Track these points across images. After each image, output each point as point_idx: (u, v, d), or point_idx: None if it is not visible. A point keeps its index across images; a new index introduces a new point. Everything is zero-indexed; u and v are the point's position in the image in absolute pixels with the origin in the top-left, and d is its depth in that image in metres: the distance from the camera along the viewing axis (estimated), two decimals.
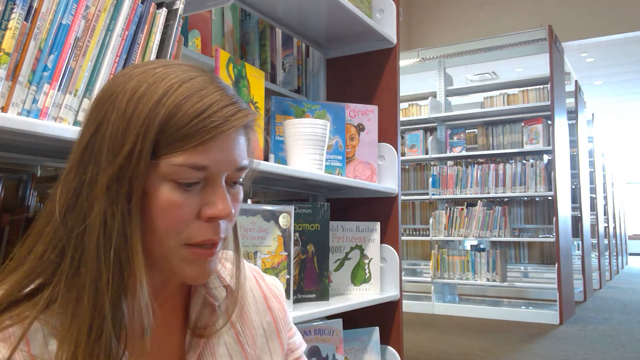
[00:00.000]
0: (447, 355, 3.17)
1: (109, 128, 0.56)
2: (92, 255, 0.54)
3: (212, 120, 0.56)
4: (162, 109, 0.55)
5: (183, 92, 0.56)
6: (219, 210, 0.58)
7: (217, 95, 0.58)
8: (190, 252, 0.59)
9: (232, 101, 0.59)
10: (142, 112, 0.55)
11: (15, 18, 0.79)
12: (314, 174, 1.51)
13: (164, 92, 0.56)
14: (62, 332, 0.54)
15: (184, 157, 0.56)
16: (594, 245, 6.85)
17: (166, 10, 1.03)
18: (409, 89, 5.33)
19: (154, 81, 0.57)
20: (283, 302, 0.78)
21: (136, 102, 0.56)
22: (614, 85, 9.44)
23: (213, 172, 0.58)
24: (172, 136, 0.55)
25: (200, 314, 0.67)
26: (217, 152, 0.57)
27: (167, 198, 0.56)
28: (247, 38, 1.97)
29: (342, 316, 1.68)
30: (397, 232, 1.94)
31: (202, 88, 0.58)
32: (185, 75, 0.59)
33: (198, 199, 0.58)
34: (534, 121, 4.54)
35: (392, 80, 1.99)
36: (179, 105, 0.56)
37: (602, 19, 6.19)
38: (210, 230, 0.59)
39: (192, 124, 0.55)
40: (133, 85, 0.57)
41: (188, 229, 0.58)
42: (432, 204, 5.41)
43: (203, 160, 0.56)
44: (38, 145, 1.01)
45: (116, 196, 0.55)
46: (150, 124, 0.55)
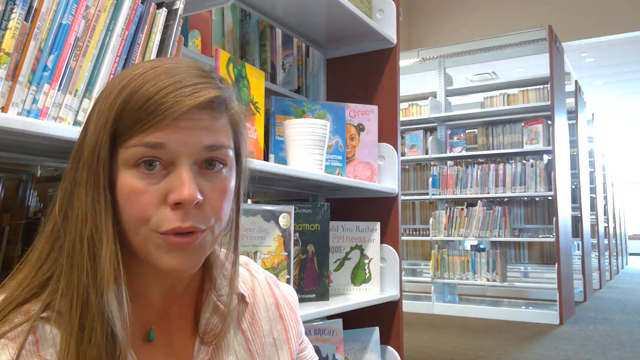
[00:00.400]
0: (447, 355, 3.17)
1: (90, 125, 0.58)
2: (77, 248, 0.55)
3: (164, 101, 0.55)
4: (120, 96, 0.56)
5: (144, 77, 0.56)
6: (183, 194, 0.55)
7: (178, 77, 0.56)
8: (164, 239, 0.57)
9: (194, 82, 0.57)
10: (109, 102, 0.56)
11: (15, 18, 0.79)
12: (314, 174, 1.51)
13: (129, 80, 0.57)
14: (62, 328, 0.54)
15: (137, 138, 0.55)
16: (594, 245, 6.85)
17: (166, 10, 1.03)
18: (409, 89, 5.32)
19: (127, 73, 0.58)
20: (296, 311, 0.76)
21: (108, 95, 0.57)
22: (614, 85, 9.44)
23: (174, 154, 0.56)
24: (127, 121, 0.55)
25: (210, 321, 0.66)
26: (174, 131, 0.56)
27: (129, 185, 0.56)
28: (247, 38, 1.97)
29: (342, 316, 1.68)
30: (397, 232, 1.94)
31: (164, 72, 0.57)
32: (158, 63, 0.59)
33: (163, 185, 0.56)
34: (534, 121, 4.54)
35: (392, 80, 1.99)
36: (136, 91, 0.56)
37: (602, 19, 6.19)
38: (178, 217, 0.56)
39: (144, 106, 0.55)
40: (112, 81, 0.59)
41: (156, 217, 0.56)
42: (432, 204, 5.41)
43: (156, 138, 0.55)
44: (38, 145, 1.01)
45: (90, 187, 0.56)
46: (110, 112, 0.56)
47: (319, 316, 1.52)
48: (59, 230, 0.57)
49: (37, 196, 1.13)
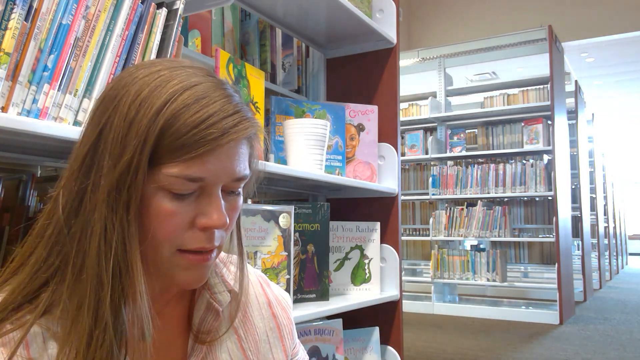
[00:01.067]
0: (447, 355, 3.17)
1: (111, 132, 0.55)
2: (94, 263, 0.54)
3: (211, 132, 0.55)
4: (161, 117, 0.54)
5: (184, 100, 0.55)
6: (214, 220, 0.57)
7: (219, 105, 0.56)
8: (184, 258, 0.58)
9: (235, 111, 0.57)
10: (143, 119, 0.54)
11: (15, 18, 0.79)
12: (314, 174, 1.51)
13: (165, 100, 0.55)
14: (63, 338, 0.54)
15: (179, 168, 0.55)
16: (594, 245, 6.85)
17: (166, 10, 1.03)
18: (409, 89, 5.32)
19: (157, 86, 0.56)
20: (289, 311, 0.77)
21: (137, 107, 0.55)
22: (614, 85, 9.44)
23: (209, 183, 0.57)
24: (169, 146, 0.54)
25: (204, 319, 0.67)
26: (214, 163, 0.56)
27: (161, 207, 0.56)
28: (247, 38, 1.97)
29: (342, 316, 1.68)
30: (397, 232, 1.94)
31: (204, 96, 0.56)
32: (188, 80, 0.57)
33: (193, 208, 0.57)
34: (534, 121, 4.54)
35: (392, 80, 1.99)
36: (179, 115, 0.54)
37: (602, 19, 6.19)
38: (204, 238, 0.58)
39: (189, 134, 0.54)
40: (136, 89, 0.56)
41: (182, 237, 0.58)
42: (432, 204, 5.41)
43: (199, 172, 0.56)
44: (38, 145, 1.01)
45: (115, 204, 0.54)
46: (149, 133, 0.54)
47: (319, 316, 1.52)
48: (58, 235, 0.56)
49: (37, 196, 1.13)
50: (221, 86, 0.59)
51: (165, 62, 0.61)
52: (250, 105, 1.46)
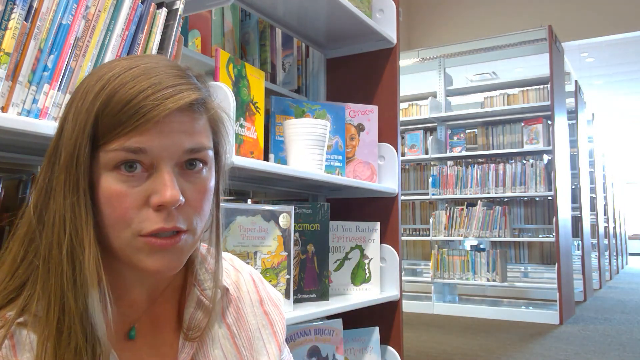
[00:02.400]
0: (447, 355, 3.17)
1: (66, 126, 0.57)
2: (55, 252, 0.54)
3: (145, 104, 0.54)
4: (99, 98, 0.55)
5: (122, 79, 0.56)
6: (166, 196, 0.55)
7: (156, 79, 0.56)
8: (146, 242, 0.57)
9: (172, 83, 0.57)
10: (86, 103, 0.56)
11: (15, 18, 0.79)
12: (314, 174, 1.51)
13: (106, 81, 0.56)
14: (39, 333, 0.54)
15: (118, 143, 0.55)
16: (594, 245, 6.85)
17: (166, 10, 1.03)
18: (409, 89, 5.32)
19: (104, 72, 0.57)
20: (280, 308, 0.77)
21: (85, 95, 0.56)
22: (614, 85, 9.44)
23: (155, 157, 0.56)
24: (107, 124, 0.55)
25: (194, 316, 0.66)
26: (156, 136, 0.56)
27: (110, 188, 0.56)
28: (247, 38, 1.97)
29: (342, 316, 1.68)
30: (397, 232, 1.94)
31: (143, 73, 0.57)
32: (135, 62, 0.58)
33: (145, 188, 0.57)
34: (534, 121, 4.54)
35: (392, 80, 1.99)
36: (115, 93, 0.55)
37: (602, 19, 6.19)
38: (161, 218, 0.56)
39: (124, 109, 0.54)
40: (88, 80, 0.58)
41: (137, 219, 0.56)
42: (432, 204, 5.41)
43: (137, 143, 0.55)
44: (38, 145, 1.01)
45: (68, 190, 0.55)
46: (88, 115, 0.55)
47: (319, 316, 1.52)
48: (34, 232, 0.57)
49: None
50: (170, 65, 0.59)
51: (129, 56, 0.62)
52: (251, 105, 1.46)
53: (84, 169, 0.55)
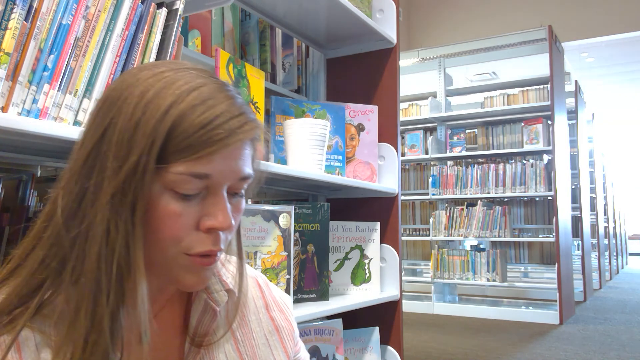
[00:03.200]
0: (447, 355, 3.17)
1: (115, 134, 0.55)
2: (93, 266, 0.53)
3: (218, 132, 0.55)
4: (169, 118, 0.54)
5: (190, 101, 0.55)
6: (219, 222, 0.57)
7: (225, 106, 0.57)
8: (191, 260, 0.58)
9: (240, 112, 0.58)
10: (149, 120, 0.54)
11: (15, 18, 0.79)
12: (314, 174, 1.51)
13: (172, 101, 0.55)
14: (58, 342, 0.53)
15: (186, 166, 0.55)
16: (594, 245, 6.85)
17: (166, 10, 1.03)
18: (409, 89, 5.32)
19: (162, 87, 0.56)
20: (287, 313, 0.76)
21: (143, 108, 0.55)
22: (614, 85, 9.44)
23: (214, 182, 0.57)
24: (176, 146, 0.54)
25: (201, 320, 0.66)
26: (220, 162, 0.56)
27: (167, 207, 0.56)
28: (247, 38, 1.97)
29: (342, 316, 1.68)
30: (397, 232, 1.94)
31: (210, 97, 0.56)
32: (194, 82, 0.57)
33: (198, 209, 0.57)
34: (534, 121, 4.54)
35: (392, 80, 1.99)
36: (185, 115, 0.54)
37: (602, 19, 6.19)
38: (210, 241, 0.58)
39: (197, 134, 0.54)
40: (141, 90, 0.56)
41: (187, 239, 0.57)
42: (432, 204, 5.41)
43: (205, 169, 0.55)
44: (38, 145, 1.01)
45: (120, 206, 0.53)
46: (157, 134, 0.54)
47: (319, 316, 1.52)
48: (58, 237, 0.55)
49: (37, 196, 1.13)
50: (225, 88, 0.59)
51: (167, 63, 0.60)
52: (251, 105, 1.46)
53: (145, 187, 0.54)
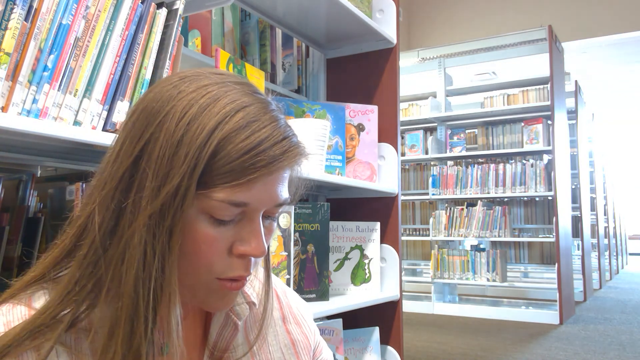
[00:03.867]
0: (447, 355, 3.17)
1: (155, 150, 0.52)
2: (130, 290, 0.51)
3: (261, 159, 0.53)
4: (213, 140, 0.52)
5: (236, 122, 0.53)
6: (252, 248, 0.56)
7: (269, 130, 0.54)
8: (221, 284, 0.57)
9: (283, 137, 0.55)
10: (193, 140, 0.51)
11: (15, 18, 0.79)
12: (314, 174, 1.51)
13: (217, 122, 0.52)
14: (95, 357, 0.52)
15: (225, 193, 0.53)
16: (594, 245, 6.85)
17: (166, 10, 1.03)
18: (409, 89, 5.32)
19: (207, 105, 0.53)
20: (304, 326, 0.75)
21: (186, 126, 0.52)
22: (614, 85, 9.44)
23: (252, 208, 0.55)
24: (218, 170, 0.52)
25: (221, 334, 0.65)
26: (259, 189, 0.54)
27: (203, 232, 0.54)
28: (247, 38, 1.97)
29: (342, 316, 1.68)
30: (397, 232, 1.94)
31: (255, 119, 0.54)
32: (239, 100, 0.55)
33: (232, 234, 0.56)
34: (534, 121, 4.54)
35: (392, 80, 1.99)
36: (230, 139, 0.52)
37: (602, 19, 6.18)
38: (242, 266, 0.57)
39: (239, 160, 0.52)
40: (184, 105, 0.53)
41: (220, 264, 0.56)
42: (432, 204, 5.41)
43: (244, 198, 0.53)
44: (38, 145, 1.01)
45: (157, 229, 0.51)
46: (200, 157, 0.51)
47: (319, 316, 1.52)
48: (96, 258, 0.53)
49: (37, 196, 1.13)
50: (269, 108, 0.57)
51: (210, 75, 0.57)
52: None
53: (183, 212, 0.52)
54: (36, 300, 0.55)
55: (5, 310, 0.53)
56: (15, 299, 0.55)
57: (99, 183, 0.55)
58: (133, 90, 0.97)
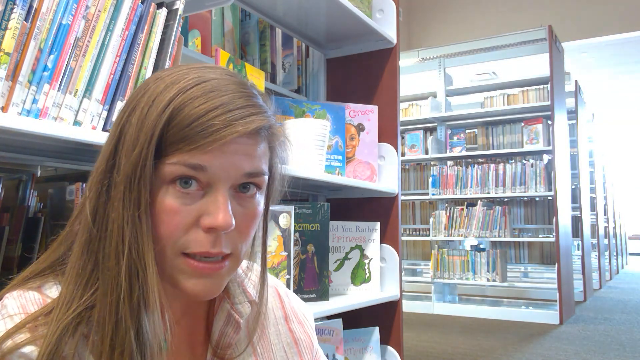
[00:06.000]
0: (447, 355, 3.17)
1: (128, 131, 0.55)
2: (112, 264, 0.53)
3: (213, 123, 0.53)
4: (167, 110, 0.54)
5: (193, 92, 0.55)
6: (218, 220, 0.54)
7: (227, 98, 0.55)
8: (188, 264, 0.56)
9: (245, 104, 0.56)
10: (153, 113, 0.54)
11: (15, 18, 0.79)
12: (314, 174, 1.51)
13: (175, 93, 0.55)
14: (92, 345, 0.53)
15: (179, 157, 0.54)
16: (594, 245, 6.85)
17: (166, 10, 1.03)
18: (409, 89, 5.32)
19: (173, 82, 0.56)
20: (306, 326, 0.75)
21: (151, 103, 0.55)
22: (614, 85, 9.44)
23: (213, 177, 0.55)
24: (172, 137, 0.54)
25: (224, 332, 0.65)
26: (218, 156, 0.54)
27: (165, 202, 0.55)
28: (247, 38, 1.97)
29: (342, 316, 1.68)
30: (397, 232, 1.94)
31: (213, 89, 0.55)
32: (204, 76, 0.56)
33: (198, 207, 0.55)
34: (534, 121, 4.54)
35: (392, 80, 1.99)
36: (184, 106, 0.54)
37: (602, 19, 6.18)
38: (208, 241, 0.55)
39: (192, 125, 0.53)
40: (154, 87, 0.56)
41: (185, 237, 0.55)
42: (432, 204, 5.41)
43: (199, 160, 0.54)
44: (38, 145, 1.01)
45: (128, 202, 0.53)
46: (156, 126, 0.53)
47: (319, 316, 1.52)
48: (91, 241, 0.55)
49: (37, 196, 1.13)
50: (236, 83, 0.58)
51: (194, 64, 0.59)
52: None
53: (147, 181, 0.53)
54: (47, 289, 0.56)
55: (16, 294, 0.54)
56: (24, 286, 0.56)
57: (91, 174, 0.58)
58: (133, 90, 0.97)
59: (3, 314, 0.52)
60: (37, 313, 0.52)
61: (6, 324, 0.51)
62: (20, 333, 0.51)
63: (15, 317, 0.52)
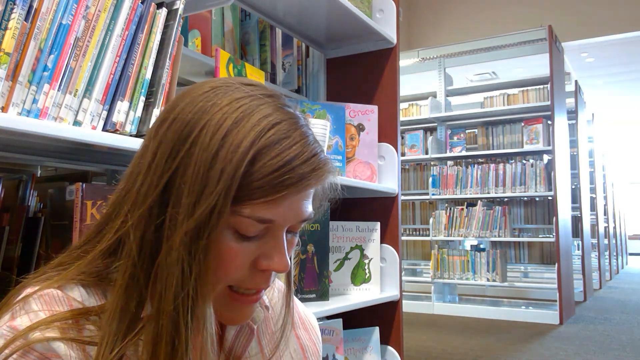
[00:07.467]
0: (447, 355, 3.17)
1: (190, 165, 0.52)
2: (169, 308, 0.51)
3: (290, 177, 0.52)
4: (246, 158, 0.51)
5: (268, 139, 0.52)
6: (276, 264, 0.55)
7: (299, 147, 0.53)
8: (231, 295, 0.56)
9: (312, 154, 0.55)
10: (227, 157, 0.51)
11: (15, 18, 0.79)
12: None
13: (251, 139, 0.52)
14: None
15: (252, 210, 0.52)
16: (594, 245, 6.85)
17: (166, 10, 1.03)
18: (409, 89, 5.32)
19: (240, 119, 0.53)
20: (311, 333, 0.75)
21: (221, 141, 0.52)
22: (614, 85, 9.44)
23: (277, 225, 0.55)
24: (248, 187, 0.52)
25: (237, 337, 0.65)
26: (285, 207, 0.54)
27: (227, 247, 0.54)
28: (247, 38, 1.97)
29: (342, 316, 1.68)
30: (397, 232, 1.94)
31: (286, 136, 0.53)
32: (272, 117, 0.54)
33: (256, 248, 0.55)
34: (534, 121, 4.54)
35: (392, 80, 1.99)
36: (262, 156, 0.52)
37: (602, 19, 6.19)
38: (262, 280, 0.56)
39: (270, 178, 0.52)
40: (218, 119, 0.53)
41: (240, 277, 0.55)
42: (432, 204, 5.41)
43: (270, 215, 0.53)
44: (38, 145, 1.01)
45: (192, 246, 0.51)
46: (234, 175, 0.51)
47: (319, 316, 1.52)
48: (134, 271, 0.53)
49: (37, 196, 1.13)
50: (299, 123, 0.56)
51: (242, 87, 0.56)
52: None
53: (217, 230, 0.51)
54: (69, 290, 0.54)
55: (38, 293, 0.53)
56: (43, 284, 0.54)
57: (133, 194, 0.54)
58: (133, 90, 0.97)
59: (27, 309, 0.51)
60: (68, 315, 0.52)
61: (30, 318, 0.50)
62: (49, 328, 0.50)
63: (40, 313, 0.51)
